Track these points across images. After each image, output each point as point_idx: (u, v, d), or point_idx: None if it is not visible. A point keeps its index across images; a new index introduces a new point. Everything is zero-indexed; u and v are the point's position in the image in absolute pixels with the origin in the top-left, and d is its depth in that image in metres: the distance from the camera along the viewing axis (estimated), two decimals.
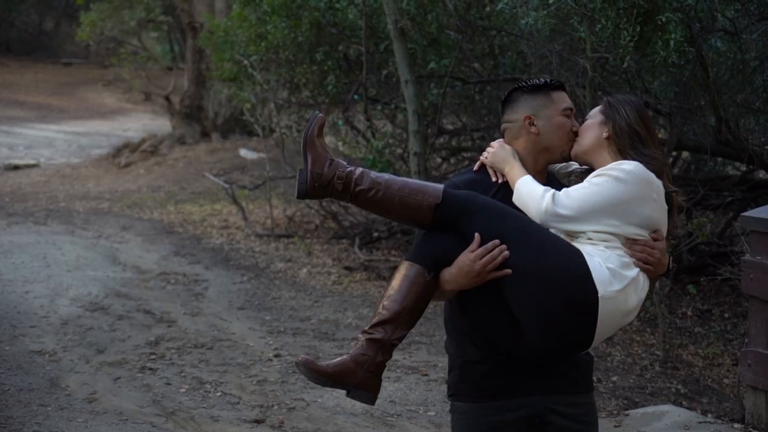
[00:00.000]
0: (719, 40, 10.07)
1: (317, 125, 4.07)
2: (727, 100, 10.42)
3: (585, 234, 4.05)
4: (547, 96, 4.31)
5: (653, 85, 10.52)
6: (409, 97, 10.43)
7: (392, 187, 4.03)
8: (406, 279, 3.99)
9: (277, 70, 13.29)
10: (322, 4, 11.68)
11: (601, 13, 7.84)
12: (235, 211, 15.38)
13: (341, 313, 10.40)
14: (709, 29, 9.57)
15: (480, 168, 4.39)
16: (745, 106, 10.83)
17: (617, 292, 3.94)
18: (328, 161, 4.05)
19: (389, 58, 11.48)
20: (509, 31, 10.96)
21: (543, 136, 4.29)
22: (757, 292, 6.70)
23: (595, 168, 4.18)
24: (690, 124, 11.29)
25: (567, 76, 9.59)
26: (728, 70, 10.58)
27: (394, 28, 10.26)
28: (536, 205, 4.04)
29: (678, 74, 10.28)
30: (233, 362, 8.65)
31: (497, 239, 3.95)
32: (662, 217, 4.12)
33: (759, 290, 6.68)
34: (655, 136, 4.23)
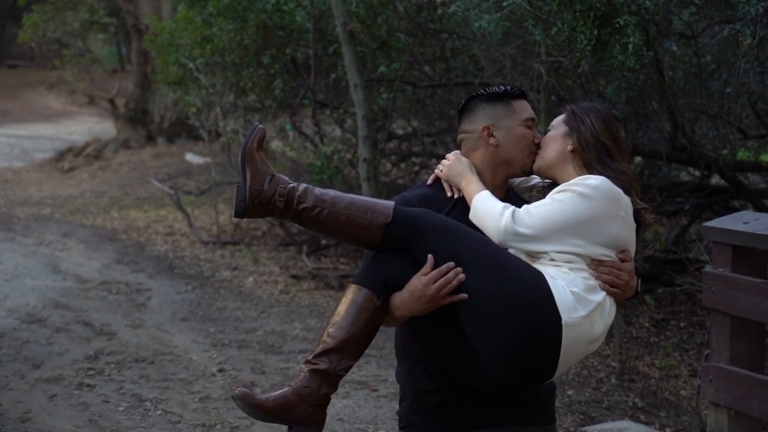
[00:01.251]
0: (675, 44, 9.88)
1: (257, 137, 3.76)
2: (683, 105, 10.23)
3: (547, 255, 3.76)
4: (507, 105, 4.02)
5: (607, 90, 10.31)
6: (359, 102, 10.15)
7: (338, 205, 3.73)
8: (353, 304, 3.69)
9: (223, 73, 12.99)
10: (269, 6, 11.37)
11: (557, 16, 7.57)
12: (180, 218, 15.04)
13: (288, 325, 10.10)
14: (666, 33, 9.37)
15: (434, 182, 4.09)
16: (701, 111, 10.65)
17: (582, 319, 3.65)
18: (269, 177, 3.74)
19: (338, 62, 11.20)
20: (461, 34, 10.71)
21: (502, 149, 4.00)
22: (719, 306, 6.44)
23: (559, 183, 3.90)
24: (645, 130, 11.11)
25: (521, 80, 9.34)
26: (684, 74, 10.41)
27: (343, 31, 9.98)
28: (494, 223, 3.75)
29: (633, 78, 10.08)
30: (175, 378, 8.31)
31: (452, 261, 3.66)
32: (630, 236, 3.84)
33: (721, 303, 6.41)
34: (624, 147, 3.94)
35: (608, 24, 7.41)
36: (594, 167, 3.86)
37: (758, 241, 6.16)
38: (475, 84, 10.46)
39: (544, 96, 8.64)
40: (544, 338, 3.61)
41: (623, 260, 3.80)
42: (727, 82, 9.95)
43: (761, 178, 12.67)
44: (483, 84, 10.23)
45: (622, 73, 9.24)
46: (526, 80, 9.29)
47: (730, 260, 6.34)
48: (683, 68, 10.38)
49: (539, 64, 8.41)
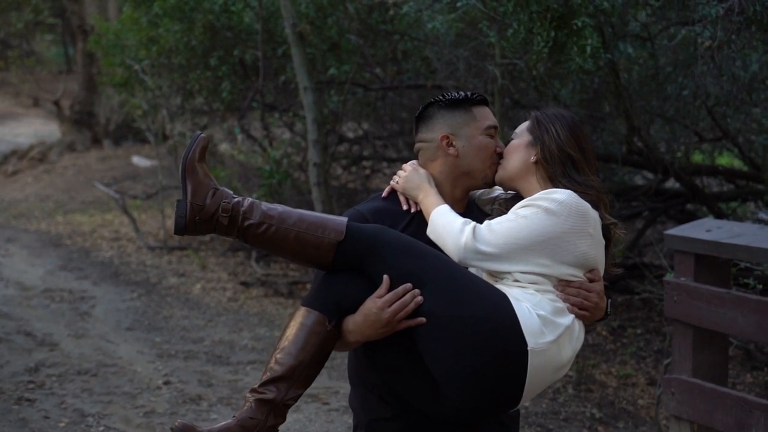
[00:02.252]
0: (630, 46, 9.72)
1: (199, 147, 3.50)
2: (639, 108, 10.08)
3: (511, 275, 3.52)
4: (467, 112, 3.78)
5: (562, 92, 10.14)
6: (308, 105, 9.92)
7: (287, 222, 3.48)
8: (302, 328, 3.43)
9: (170, 75, 12.72)
10: (217, 6, 11.12)
11: (513, 17, 7.35)
12: (126, 222, 14.72)
13: (236, 334, 9.82)
14: (622, 34, 9.22)
15: (389, 194, 3.84)
16: (657, 114, 10.52)
17: (549, 344, 3.41)
18: (212, 190, 3.48)
19: (287, 64, 10.97)
20: (413, 35, 10.50)
21: (463, 159, 3.76)
22: (681, 316, 6.26)
23: (523, 195, 3.66)
24: (600, 133, 10.96)
25: (474, 83, 9.14)
26: (639, 76, 10.26)
27: (292, 32, 9.75)
28: (454, 240, 3.50)
29: (588, 81, 9.92)
30: (119, 391, 8.01)
31: (409, 282, 3.41)
32: (599, 254, 3.60)
33: (683, 314, 6.23)
34: (592, 158, 3.70)
35: (565, 26, 7.22)
36: (559, 181, 3.63)
37: (722, 249, 5.98)
38: (428, 86, 10.29)
39: (499, 99, 8.46)
40: (508, 365, 3.37)
41: (592, 280, 3.57)
42: (684, 84, 9.82)
43: (716, 181, 12.55)
44: (435, 86, 10.06)
45: (577, 76, 9.07)
46: (480, 83, 9.10)
47: (693, 269, 6.17)
48: (639, 71, 10.23)
49: (494, 66, 8.21)
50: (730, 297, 5.89)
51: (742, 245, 5.83)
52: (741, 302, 5.84)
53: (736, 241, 5.89)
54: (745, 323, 5.82)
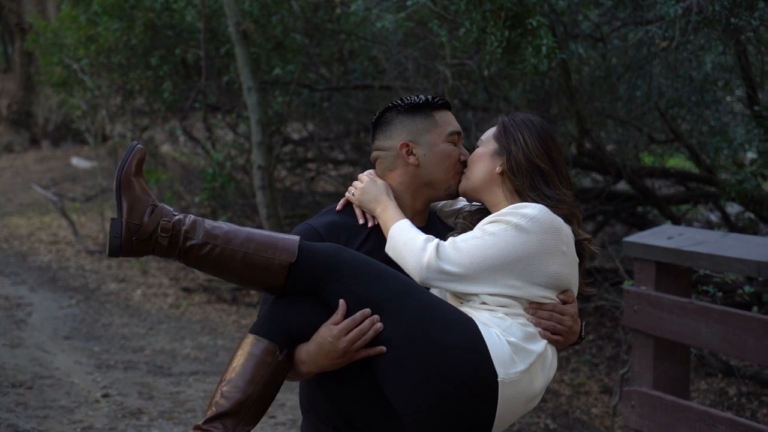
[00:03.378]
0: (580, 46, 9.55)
1: (135, 160, 3.20)
2: (590, 109, 9.91)
3: (478, 297, 3.25)
4: (428, 117, 3.51)
5: (511, 93, 9.96)
6: (252, 106, 9.65)
7: (233, 242, 3.19)
8: (250, 358, 3.15)
9: (109, 75, 12.40)
10: (158, 4, 10.82)
11: (465, 16, 7.11)
12: (65, 225, 14.34)
13: (178, 343, 9.51)
14: (574, 34, 9.04)
15: (344, 207, 3.56)
16: (608, 115, 10.36)
17: (521, 374, 3.15)
18: (149, 207, 3.19)
19: (230, 63, 10.71)
20: (360, 35, 10.26)
21: (424, 168, 3.49)
22: (641, 326, 6.05)
23: (488, 208, 3.39)
24: None
25: (424, 84, 8.91)
26: (591, 77, 10.10)
27: (236, 31, 9.49)
28: (415, 258, 3.23)
29: (538, 81, 9.74)
30: (55, 405, 7.67)
31: (368, 307, 3.15)
32: (573, 273, 3.34)
33: (644, 324, 6.02)
34: (563, 170, 3.42)
35: (520, 25, 6.97)
36: (527, 194, 3.37)
37: (684, 257, 5.78)
38: (375, 87, 10.06)
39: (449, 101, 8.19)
40: (476, 398, 3.11)
41: (565, 302, 3.32)
42: (637, 85, 9.67)
43: (665, 183, 12.43)
44: (383, 87, 9.85)
45: (531, 77, 8.87)
46: (429, 84, 8.87)
47: (653, 278, 5.98)
48: (590, 71, 10.07)
49: (444, 66, 7.99)
50: (694, 307, 5.69)
51: (705, 253, 5.63)
52: (705, 312, 5.64)
53: (699, 249, 5.69)
54: (709, 334, 5.62)
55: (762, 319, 5.40)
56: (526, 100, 10.38)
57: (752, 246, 5.60)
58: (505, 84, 9.70)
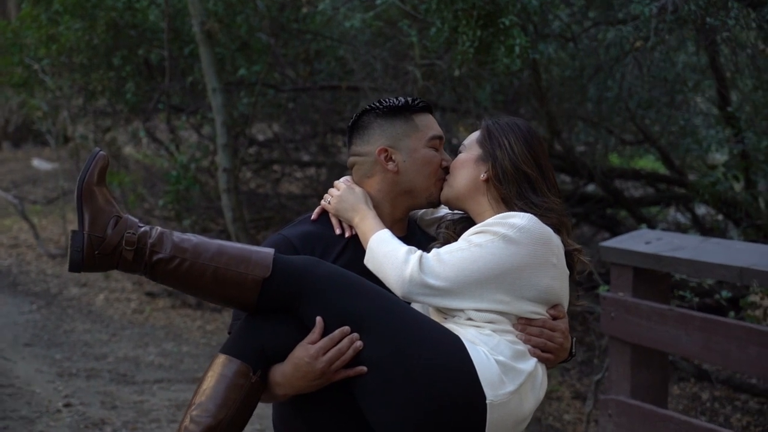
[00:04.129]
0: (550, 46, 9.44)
1: (97, 169, 3.01)
2: (560, 110, 9.81)
3: (464, 312, 3.07)
4: (408, 121, 3.33)
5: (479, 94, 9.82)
6: (217, 107, 9.47)
7: (203, 256, 3.01)
8: (222, 380, 2.96)
9: (71, 75, 12.15)
10: (120, 3, 10.61)
11: (436, 16, 6.95)
12: (26, 228, 14.09)
13: (142, 349, 9.30)
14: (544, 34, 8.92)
15: (320, 217, 3.38)
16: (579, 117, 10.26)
17: (510, 395, 2.98)
18: (113, 219, 3.00)
19: (195, 64, 10.51)
20: (327, 34, 10.09)
21: (404, 175, 3.31)
22: (618, 333, 5.91)
23: (472, 217, 3.22)
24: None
25: (393, 84, 8.76)
26: (561, 78, 10.00)
27: (200, 31, 9.31)
28: (397, 271, 3.04)
29: (506, 82, 9.62)
30: (15, 415, 7.45)
31: (347, 325, 2.97)
32: (563, 287, 3.17)
33: (621, 331, 5.88)
34: (551, 176, 3.25)
35: (492, 24, 6.82)
36: (513, 203, 3.20)
37: (663, 263, 5.65)
38: (342, 87, 9.91)
39: None
40: (463, 421, 2.93)
41: (555, 317, 3.15)
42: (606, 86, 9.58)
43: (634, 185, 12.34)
44: (351, 88, 9.70)
45: (503, 77, 8.74)
46: (398, 84, 8.72)
47: (631, 284, 5.85)
48: (560, 72, 9.97)
49: (414, 67, 7.83)
50: (673, 314, 5.57)
51: (685, 259, 5.50)
52: (685, 320, 5.52)
53: (679, 255, 5.56)
54: (689, 342, 5.49)
55: (745, 326, 5.28)
56: (495, 100, 10.26)
57: (733, 251, 5.48)
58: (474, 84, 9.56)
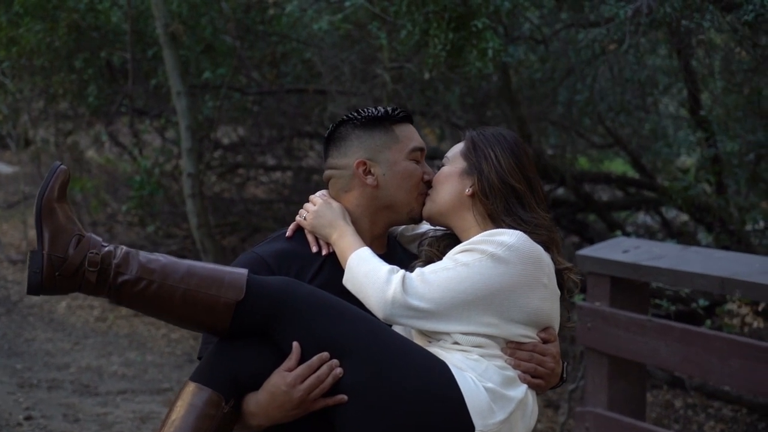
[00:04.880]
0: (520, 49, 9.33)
1: (57, 184, 2.82)
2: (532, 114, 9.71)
3: (449, 336, 2.90)
4: (388, 132, 3.16)
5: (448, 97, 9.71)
6: (182, 111, 9.29)
7: (172, 276, 2.83)
8: (192, 410, 2.77)
9: (31, 78, 11.92)
10: (82, 5, 10.40)
11: (406, 18, 6.79)
12: None
13: (105, 359, 9.10)
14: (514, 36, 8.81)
15: (295, 233, 3.21)
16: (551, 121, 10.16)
17: (500, 425, 2.81)
18: (75, 238, 2.81)
19: (158, 67, 10.33)
20: (294, 37, 9.93)
21: (384, 189, 3.15)
22: (595, 344, 5.77)
23: (457, 234, 3.05)
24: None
25: (361, 88, 8.61)
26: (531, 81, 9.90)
27: (164, 33, 9.14)
28: (378, 292, 2.87)
29: (475, 85, 9.50)
30: None
31: (326, 351, 2.79)
32: (554, 308, 3.01)
33: (598, 341, 5.75)
34: (540, 190, 3.08)
35: (464, 27, 6.67)
36: (501, 219, 3.03)
37: (642, 272, 5.52)
38: (309, 91, 9.76)
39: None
40: None
41: (546, 341, 2.99)
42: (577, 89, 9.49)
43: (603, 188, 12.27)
44: (318, 91, 9.55)
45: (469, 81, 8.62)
46: (367, 88, 8.57)
47: (608, 293, 5.72)
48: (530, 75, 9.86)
49: (384, 71, 7.69)
50: (653, 325, 5.43)
51: (665, 268, 5.37)
52: (664, 330, 5.39)
53: (658, 264, 5.43)
54: (669, 354, 5.36)
55: (726, 338, 5.15)
56: (464, 104, 10.16)
57: (714, 260, 5.35)
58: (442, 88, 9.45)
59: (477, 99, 10.35)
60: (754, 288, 4.87)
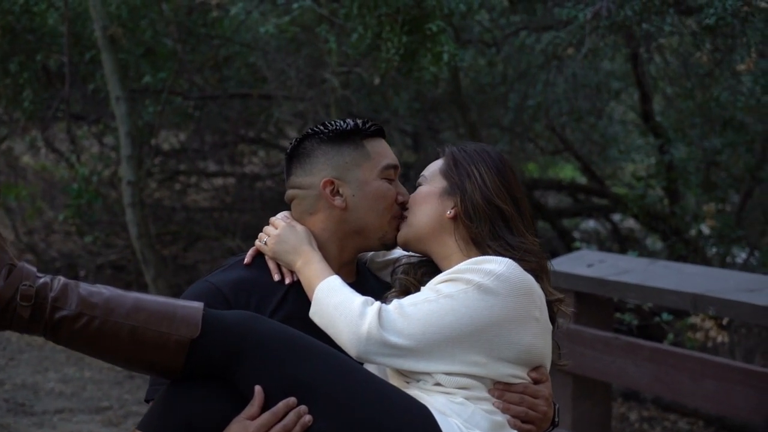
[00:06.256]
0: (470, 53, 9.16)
1: None
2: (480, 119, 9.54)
3: (431, 377, 2.61)
4: (357, 148, 2.87)
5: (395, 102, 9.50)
6: (121, 117, 8.99)
7: (117, 312, 2.51)
8: None
9: None
10: (17, 7, 10.04)
11: (357, 21, 6.53)
12: None
13: (41, 375, 8.75)
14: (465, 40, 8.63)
15: (254, 260, 2.90)
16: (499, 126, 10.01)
17: None
18: (5, 268, 2.49)
19: (96, 70, 10.00)
20: (238, 40, 9.66)
21: (353, 212, 2.85)
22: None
23: (437, 262, 2.77)
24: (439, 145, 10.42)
25: (309, 93, 8.36)
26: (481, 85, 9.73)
27: (103, 36, 8.83)
28: (351, 327, 2.57)
29: (425, 90, 9.31)
30: None
31: (293, 395, 2.49)
32: (546, 344, 2.73)
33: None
34: (527, 212, 2.80)
35: (418, 30, 6.41)
36: (486, 244, 2.75)
37: (608, 288, 5.30)
38: (253, 96, 9.49)
39: (336, 112, 7.73)
40: None
41: (538, 381, 2.71)
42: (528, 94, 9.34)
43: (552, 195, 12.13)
44: (263, 96, 9.29)
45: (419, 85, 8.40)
46: (315, 93, 8.32)
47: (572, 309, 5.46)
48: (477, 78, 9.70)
49: (332, 75, 7.43)
50: (619, 343, 5.21)
51: (634, 284, 5.15)
52: (632, 349, 5.18)
53: (626, 279, 5.21)
54: (638, 373, 5.14)
55: (700, 358, 4.95)
56: (412, 109, 9.95)
57: (685, 276, 5.13)
58: (392, 92, 9.23)
59: (425, 104, 10.15)
60: (731, 306, 4.66)
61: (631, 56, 8.61)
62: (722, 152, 8.89)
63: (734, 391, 4.68)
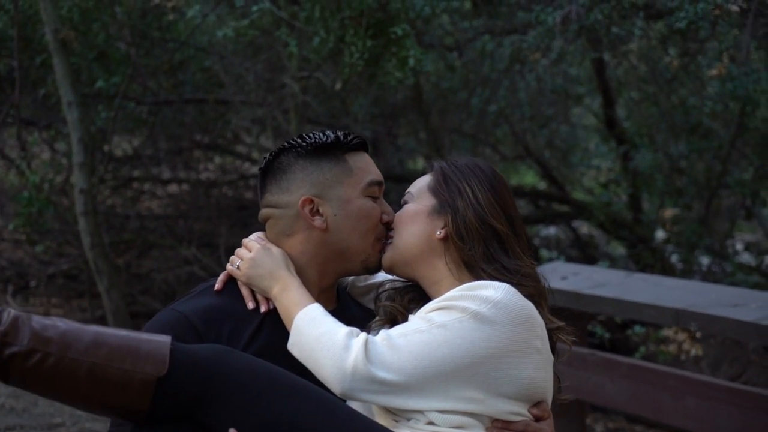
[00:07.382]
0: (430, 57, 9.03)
1: None
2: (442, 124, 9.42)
3: (423, 415, 2.39)
4: (339, 163, 2.65)
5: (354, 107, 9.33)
6: (73, 123, 8.76)
7: (75, 347, 2.28)
8: None
9: None
10: None
11: (319, 25, 6.34)
12: None
13: None
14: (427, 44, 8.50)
15: (226, 286, 2.67)
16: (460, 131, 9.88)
17: None
18: None
19: (48, 75, 9.76)
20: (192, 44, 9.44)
21: (334, 233, 2.64)
22: None
23: (425, 288, 2.55)
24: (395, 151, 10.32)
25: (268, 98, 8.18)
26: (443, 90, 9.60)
27: (54, 40, 8.61)
28: (334, 361, 2.35)
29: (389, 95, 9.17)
30: None
31: None
32: (548, 378, 2.51)
33: None
34: (523, 232, 2.60)
35: (383, 34, 6.23)
36: (480, 268, 2.53)
37: (584, 301, 5.12)
38: (210, 101, 9.28)
39: (296, 118, 7.54)
40: None
41: (539, 418, 2.49)
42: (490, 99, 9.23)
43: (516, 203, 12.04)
44: (220, 101, 9.09)
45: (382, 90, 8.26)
46: (274, 98, 8.13)
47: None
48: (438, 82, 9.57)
49: (292, 80, 7.25)
50: (595, 359, 5.04)
51: (611, 298, 4.97)
52: (609, 365, 5.00)
53: (603, 293, 5.03)
54: (615, 391, 4.96)
55: (680, 375, 4.77)
56: (372, 114, 9.80)
57: (664, 289, 4.96)
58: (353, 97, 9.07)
59: (385, 109, 9.99)
60: (715, 321, 4.48)
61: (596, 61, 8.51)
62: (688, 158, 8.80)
63: (718, 409, 4.50)
